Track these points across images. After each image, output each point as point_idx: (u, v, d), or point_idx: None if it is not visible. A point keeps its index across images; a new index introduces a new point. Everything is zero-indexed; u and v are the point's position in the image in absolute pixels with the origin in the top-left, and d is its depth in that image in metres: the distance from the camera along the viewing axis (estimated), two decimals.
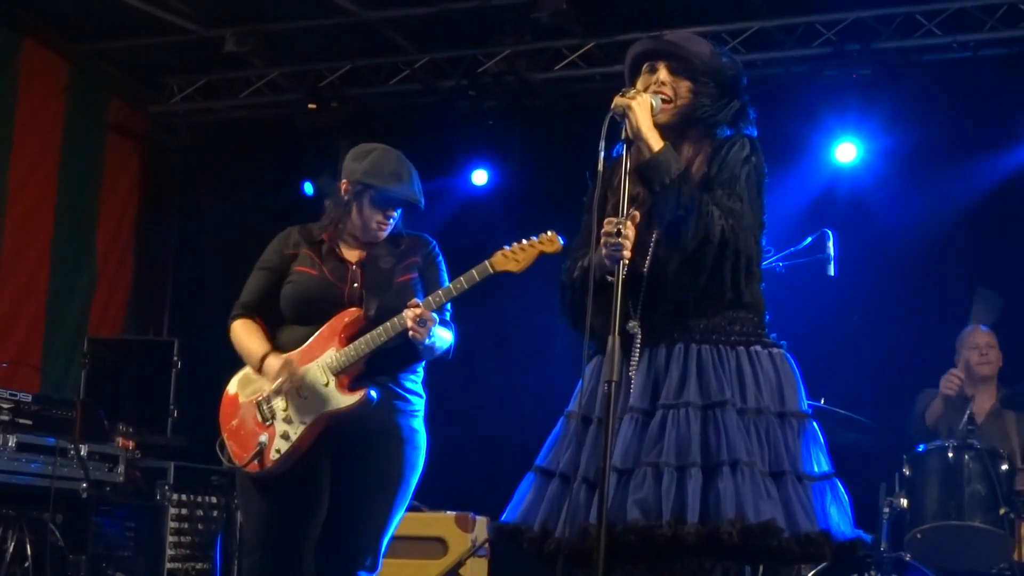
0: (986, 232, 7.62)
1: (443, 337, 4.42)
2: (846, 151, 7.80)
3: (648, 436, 3.40)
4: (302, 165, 8.61)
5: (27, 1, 8.15)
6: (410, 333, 4.23)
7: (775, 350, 3.58)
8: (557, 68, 8.39)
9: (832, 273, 5.92)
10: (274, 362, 4.37)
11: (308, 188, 8.60)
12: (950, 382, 6.39)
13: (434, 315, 4.25)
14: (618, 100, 3.51)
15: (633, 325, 3.52)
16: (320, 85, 8.77)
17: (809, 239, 5.89)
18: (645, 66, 3.71)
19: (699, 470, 3.32)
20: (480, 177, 8.55)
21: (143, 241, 9.52)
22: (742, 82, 3.70)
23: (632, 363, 3.50)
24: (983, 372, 6.60)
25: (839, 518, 3.42)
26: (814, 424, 3.55)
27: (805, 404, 3.58)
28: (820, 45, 7.82)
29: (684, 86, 3.64)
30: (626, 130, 3.49)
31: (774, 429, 3.44)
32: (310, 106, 8.76)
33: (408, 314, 4.22)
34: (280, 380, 4.33)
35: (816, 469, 3.46)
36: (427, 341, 4.28)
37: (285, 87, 9.02)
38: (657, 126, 3.57)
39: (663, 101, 3.60)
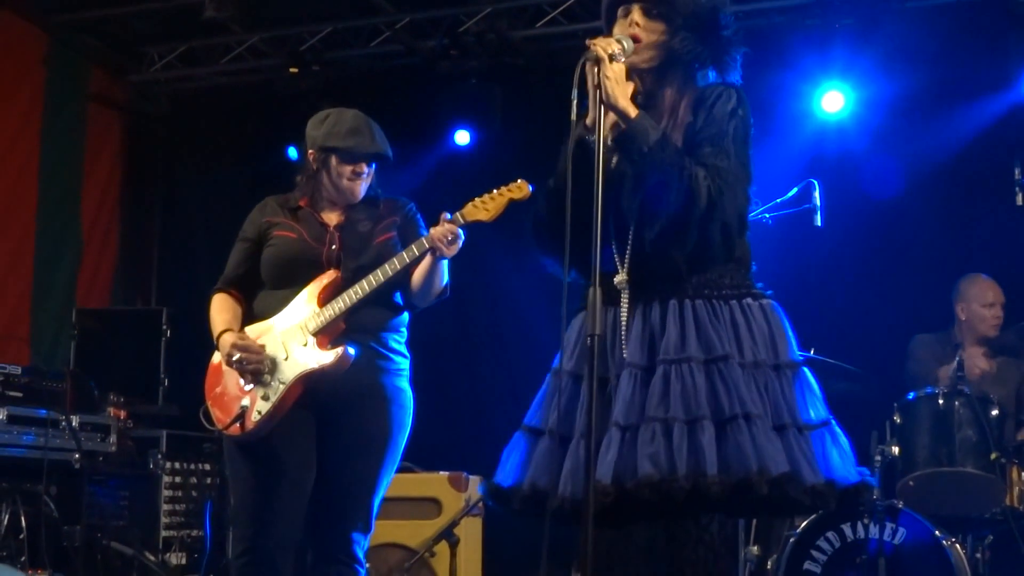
0: (974, 177, 7.62)
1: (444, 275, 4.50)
2: (832, 100, 7.78)
3: (651, 392, 3.33)
4: (285, 130, 8.54)
5: None
6: (436, 252, 4.29)
7: (764, 301, 3.53)
8: (539, 25, 8.34)
9: (819, 223, 5.92)
10: (226, 339, 4.42)
11: (292, 152, 8.56)
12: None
13: (460, 232, 4.30)
14: (589, 45, 3.37)
15: (621, 280, 3.46)
16: (301, 49, 8.72)
17: (795, 189, 5.88)
18: (620, 10, 3.59)
19: (711, 423, 3.27)
20: (463, 137, 8.54)
21: (128, 210, 9.50)
22: (723, 19, 3.56)
23: (622, 317, 3.44)
24: (991, 334, 6.58)
25: (841, 464, 3.39)
26: (807, 371, 3.52)
27: (797, 353, 3.54)
28: None
29: (659, 28, 3.53)
30: (600, 98, 3.34)
31: (772, 382, 3.40)
32: (291, 70, 8.71)
33: (438, 230, 4.26)
34: (231, 357, 4.37)
35: (813, 417, 3.43)
36: (443, 274, 4.41)
37: (266, 52, 8.96)
38: (637, 69, 3.50)
39: (635, 43, 3.48)
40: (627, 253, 3.46)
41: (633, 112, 3.41)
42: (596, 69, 3.34)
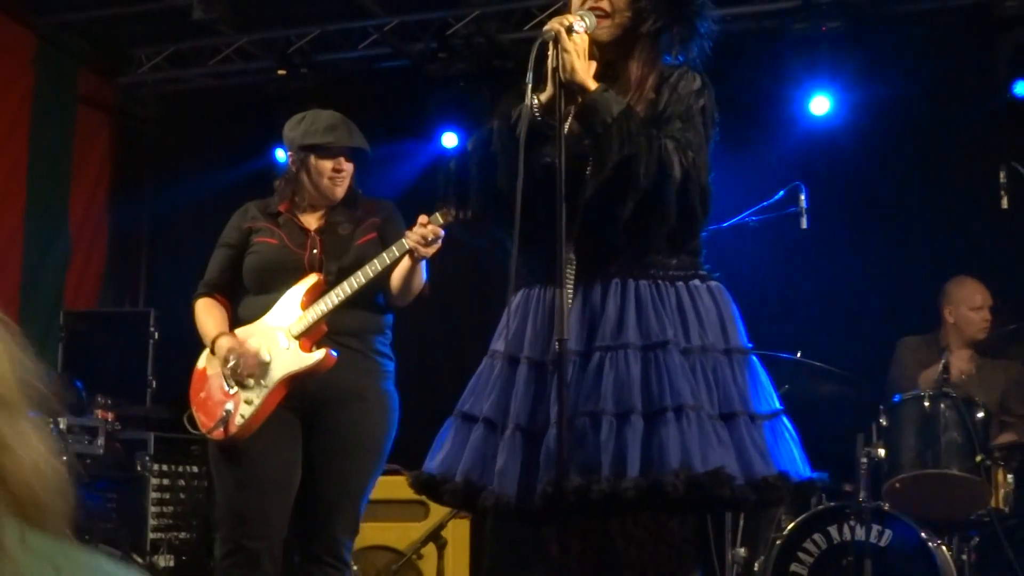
0: (959, 181, 7.64)
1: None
2: (819, 104, 7.79)
3: (585, 382, 3.14)
4: (273, 132, 8.46)
5: None
6: (416, 253, 4.27)
7: (712, 283, 3.33)
8: (526, 28, 8.35)
9: (805, 226, 5.93)
10: (223, 343, 4.43)
11: (280, 155, 8.56)
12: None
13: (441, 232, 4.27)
14: (549, 25, 3.18)
15: (566, 255, 3.19)
16: (289, 51, 8.71)
17: (782, 192, 5.89)
18: None
19: (640, 417, 3.06)
20: (450, 140, 8.53)
21: (116, 212, 9.47)
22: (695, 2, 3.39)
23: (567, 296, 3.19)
24: (980, 337, 6.58)
25: (794, 457, 3.22)
26: (756, 359, 3.34)
27: (746, 339, 3.34)
28: None
29: (622, 1, 3.32)
30: (559, 73, 3.15)
31: (722, 368, 3.21)
32: (280, 73, 8.71)
33: (417, 232, 4.24)
34: (228, 361, 4.38)
35: (765, 407, 3.26)
36: (422, 274, 4.41)
37: (254, 54, 8.96)
38: (600, 43, 3.32)
39: (598, 16, 3.30)
40: (575, 228, 3.20)
41: (593, 85, 3.20)
42: (555, 50, 3.16)
